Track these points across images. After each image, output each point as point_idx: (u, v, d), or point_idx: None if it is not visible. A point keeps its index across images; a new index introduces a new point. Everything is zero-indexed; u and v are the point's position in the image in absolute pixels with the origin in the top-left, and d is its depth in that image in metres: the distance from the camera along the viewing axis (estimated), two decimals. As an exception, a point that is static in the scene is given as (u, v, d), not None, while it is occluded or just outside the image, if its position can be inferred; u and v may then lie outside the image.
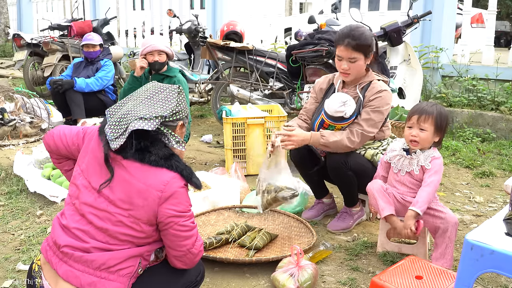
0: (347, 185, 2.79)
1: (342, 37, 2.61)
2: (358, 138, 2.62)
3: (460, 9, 6.66)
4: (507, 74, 5.33)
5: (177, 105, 1.75)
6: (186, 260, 1.75)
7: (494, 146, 4.70)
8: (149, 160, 1.66)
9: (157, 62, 3.85)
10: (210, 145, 5.01)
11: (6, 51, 12.01)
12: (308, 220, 2.96)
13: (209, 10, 8.47)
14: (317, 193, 3.08)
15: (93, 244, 1.63)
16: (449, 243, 2.26)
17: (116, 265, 1.62)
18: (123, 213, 1.64)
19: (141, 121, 1.64)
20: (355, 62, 2.62)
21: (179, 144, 1.75)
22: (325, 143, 2.63)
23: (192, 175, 1.72)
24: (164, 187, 1.64)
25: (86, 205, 1.68)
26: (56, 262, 1.64)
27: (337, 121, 2.63)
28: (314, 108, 2.87)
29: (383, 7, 6.25)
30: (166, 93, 1.77)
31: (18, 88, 5.62)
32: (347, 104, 2.58)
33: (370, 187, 2.45)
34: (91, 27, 7.27)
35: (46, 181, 3.57)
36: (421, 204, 2.25)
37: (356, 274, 2.39)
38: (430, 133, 2.31)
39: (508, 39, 14.98)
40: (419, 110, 2.33)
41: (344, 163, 2.67)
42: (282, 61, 5.03)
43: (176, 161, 1.70)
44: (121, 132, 1.64)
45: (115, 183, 1.66)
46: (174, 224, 1.67)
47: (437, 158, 2.34)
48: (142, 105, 1.71)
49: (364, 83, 2.72)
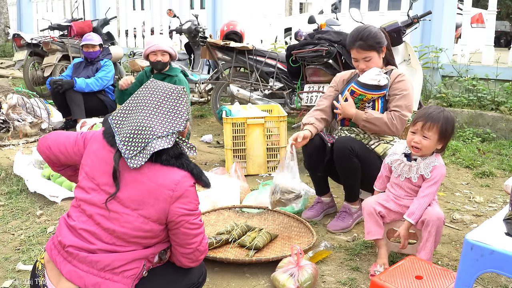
0: (351, 174, 2.79)
1: (353, 40, 2.78)
2: (397, 121, 2.72)
3: (460, 9, 6.65)
4: (507, 74, 5.33)
5: (187, 113, 1.75)
6: (193, 257, 1.77)
7: (494, 146, 4.70)
8: (160, 159, 1.66)
9: (160, 62, 3.85)
10: (210, 145, 5.01)
11: (6, 51, 12.02)
12: (308, 220, 2.97)
13: (209, 10, 8.48)
14: (318, 190, 3.08)
15: (99, 246, 1.62)
16: (429, 237, 2.27)
17: (120, 267, 1.62)
18: (132, 213, 1.64)
19: (159, 140, 1.63)
20: (370, 61, 2.78)
21: (191, 150, 1.75)
22: (367, 118, 2.74)
23: (201, 173, 1.73)
24: (176, 186, 1.65)
25: (94, 206, 1.67)
26: (60, 261, 1.64)
27: (370, 89, 2.71)
28: (333, 95, 2.98)
29: (383, 7, 6.25)
30: (173, 101, 1.73)
31: (18, 88, 5.62)
32: (381, 74, 2.72)
33: (363, 207, 2.49)
34: (91, 27, 7.27)
35: (46, 181, 3.57)
36: (416, 216, 2.28)
37: (356, 274, 2.39)
38: (433, 141, 2.26)
39: (508, 39, 15.00)
40: (425, 116, 2.27)
41: (351, 148, 2.70)
42: (282, 61, 5.02)
43: (186, 159, 1.71)
44: (139, 150, 1.63)
45: (125, 182, 1.65)
46: (185, 223, 1.68)
47: (438, 167, 2.30)
48: (155, 118, 1.68)
49: (388, 69, 2.86)
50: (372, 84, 2.70)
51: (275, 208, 2.86)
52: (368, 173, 2.75)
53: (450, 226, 2.97)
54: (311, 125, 2.84)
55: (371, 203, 2.45)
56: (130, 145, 1.65)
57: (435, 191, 2.32)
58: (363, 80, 2.73)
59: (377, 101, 2.79)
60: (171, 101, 1.74)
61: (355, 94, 2.78)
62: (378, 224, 2.40)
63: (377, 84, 2.69)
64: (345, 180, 2.88)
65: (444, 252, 2.63)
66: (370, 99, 2.76)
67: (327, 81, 4.21)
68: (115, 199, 1.65)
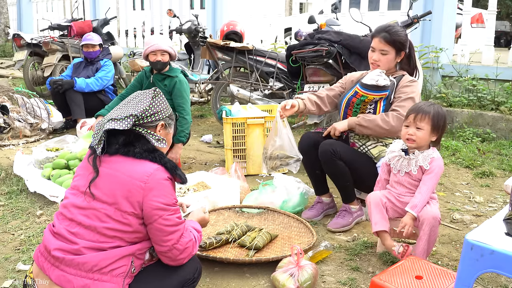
0: (339, 176, 2.82)
1: (379, 30, 2.82)
2: (393, 121, 2.73)
3: (460, 9, 6.65)
4: (507, 74, 5.33)
5: (151, 106, 1.79)
6: (172, 255, 1.74)
7: (494, 146, 4.70)
8: (133, 153, 1.71)
9: (159, 62, 3.85)
10: (210, 145, 5.01)
11: (6, 51, 12.02)
12: (308, 220, 2.97)
13: (209, 10, 8.47)
14: (317, 189, 3.09)
15: (82, 244, 1.64)
16: (423, 236, 2.28)
17: (108, 266, 1.63)
18: (109, 208, 1.67)
19: (113, 122, 1.70)
20: (385, 55, 2.80)
21: (160, 142, 1.79)
22: (359, 122, 2.77)
23: (176, 168, 1.75)
24: (148, 178, 1.67)
25: (75, 207, 1.72)
26: (48, 268, 1.66)
27: (370, 90, 2.73)
28: (338, 91, 3.01)
29: (383, 7, 6.25)
30: (141, 97, 1.81)
31: (18, 88, 5.61)
32: (382, 75, 2.74)
33: (369, 199, 2.49)
34: (91, 27, 7.27)
35: (46, 181, 3.56)
36: (419, 208, 2.30)
37: (356, 274, 2.39)
38: (426, 132, 2.32)
39: (508, 39, 15.00)
40: (416, 109, 2.36)
41: (333, 151, 2.73)
42: (282, 61, 5.02)
43: (160, 154, 1.75)
44: (99, 137, 1.70)
45: (99, 179, 1.70)
46: (159, 218, 1.68)
47: (436, 159, 2.35)
48: (118, 110, 1.78)
49: (397, 74, 2.88)
50: (371, 84, 2.71)
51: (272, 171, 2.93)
52: (359, 175, 2.79)
53: (450, 226, 2.97)
54: (302, 100, 2.92)
55: (377, 194, 2.48)
56: (95, 135, 1.74)
57: (435, 183, 2.34)
58: (364, 80, 2.74)
59: (379, 102, 2.79)
60: (139, 98, 1.80)
61: (357, 95, 2.78)
62: (384, 216, 2.42)
63: (376, 84, 2.69)
64: (336, 182, 2.90)
65: (444, 252, 2.63)
66: (372, 100, 2.77)
67: (327, 81, 4.22)
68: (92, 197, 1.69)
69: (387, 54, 2.79)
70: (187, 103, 3.91)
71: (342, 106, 2.89)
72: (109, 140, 1.72)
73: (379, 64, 2.82)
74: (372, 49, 2.85)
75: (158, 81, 3.93)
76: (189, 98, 3.96)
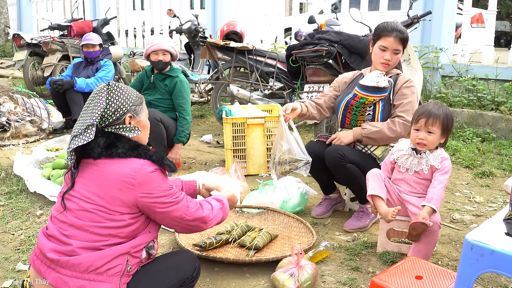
0: (352, 180, 2.78)
1: (390, 29, 2.72)
2: (400, 128, 2.71)
3: (460, 9, 6.65)
4: (507, 74, 5.33)
5: (108, 106, 1.74)
6: (184, 225, 1.81)
7: (494, 146, 4.70)
8: (117, 153, 1.71)
9: (161, 62, 3.85)
10: (210, 145, 5.01)
11: (6, 51, 12.01)
12: (318, 216, 2.98)
13: (209, 10, 8.47)
14: (325, 190, 3.10)
15: (76, 245, 1.64)
16: (423, 239, 2.30)
17: (103, 266, 1.63)
18: (100, 208, 1.67)
19: (76, 139, 1.69)
20: (397, 54, 2.75)
21: (133, 131, 1.78)
22: (366, 134, 2.73)
23: (163, 158, 1.76)
24: (136, 174, 1.68)
25: (67, 210, 1.72)
26: (44, 270, 1.66)
27: (370, 91, 2.69)
28: (332, 95, 2.97)
29: (383, 7, 6.25)
30: (96, 100, 1.75)
31: (18, 88, 5.61)
32: (381, 77, 2.71)
33: (368, 173, 2.50)
34: (91, 27, 7.27)
35: (46, 181, 3.56)
36: (436, 201, 2.29)
37: (356, 274, 2.39)
38: (437, 135, 2.34)
39: (508, 39, 14.99)
40: (427, 113, 2.33)
41: (341, 156, 2.70)
42: (282, 61, 5.02)
43: (144, 149, 1.75)
44: (70, 156, 1.72)
45: (89, 181, 1.71)
46: (157, 204, 1.71)
47: (446, 159, 2.39)
48: (79, 122, 1.76)
49: (392, 73, 2.84)
50: (371, 86, 2.69)
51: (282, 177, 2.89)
52: None
53: (450, 226, 2.97)
54: (303, 103, 2.88)
55: (379, 170, 2.51)
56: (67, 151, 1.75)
57: (447, 180, 2.36)
58: (363, 82, 2.73)
59: (378, 103, 2.77)
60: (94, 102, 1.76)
61: (356, 98, 2.76)
62: (381, 186, 2.43)
63: (376, 86, 2.68)
64: (349, 186, 2.89)
65: (444, 252, 2.62)
66: (371, 102, 2.75)
67: (327, 81, 4.21)
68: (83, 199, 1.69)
69: (399, 53, 2.74)
70: (187, 103, 3.91)
71: (340, 109, 2.86)
72: (90, 145, 1.71)
73: (390, 64, 2.76)
74: (383, 48, 2.74)
75: (159, 81, 3.93)
76: (189, 98, 3.96)
